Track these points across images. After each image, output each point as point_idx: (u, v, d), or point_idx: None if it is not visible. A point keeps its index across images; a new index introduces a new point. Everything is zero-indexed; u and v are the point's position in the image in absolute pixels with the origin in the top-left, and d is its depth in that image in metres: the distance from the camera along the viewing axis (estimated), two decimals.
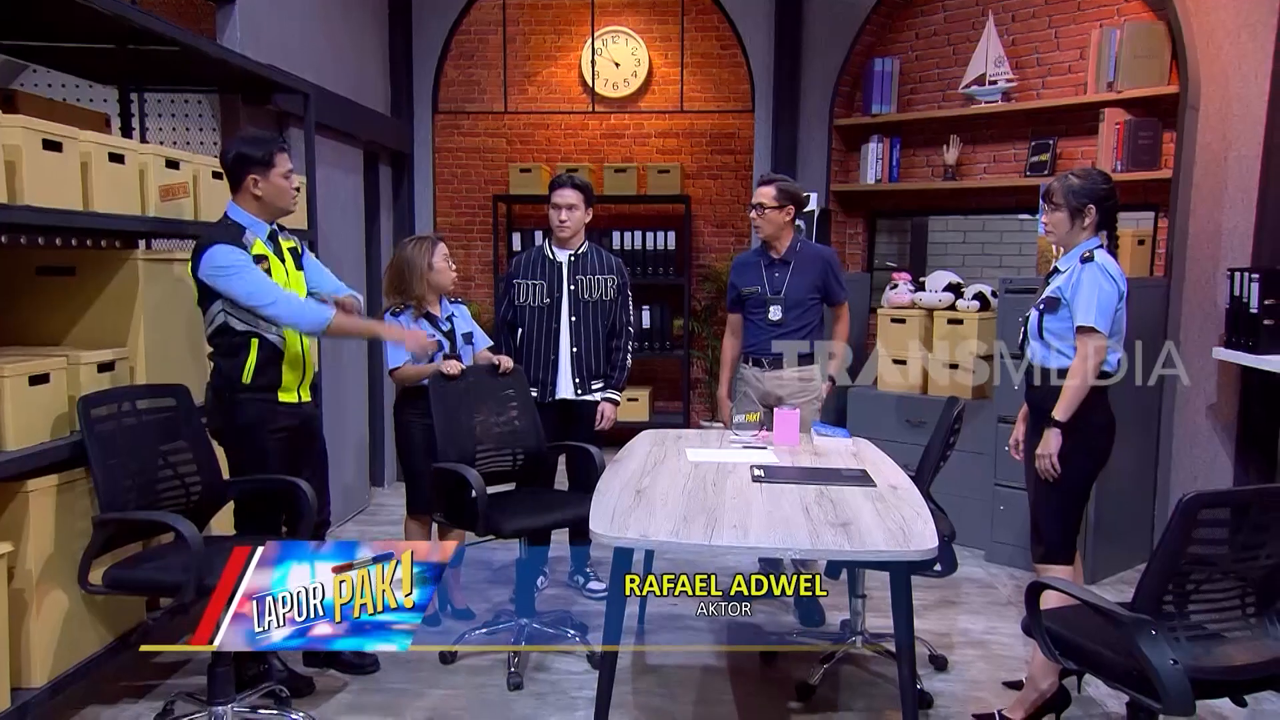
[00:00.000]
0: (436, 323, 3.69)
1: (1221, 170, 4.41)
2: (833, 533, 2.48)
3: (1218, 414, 4.45)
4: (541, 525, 3.43)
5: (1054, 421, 2.90)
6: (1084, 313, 2.88)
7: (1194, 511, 2.13)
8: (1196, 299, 4.50)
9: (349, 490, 5.23)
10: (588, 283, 3.96)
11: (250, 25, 4.18)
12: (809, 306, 3.94)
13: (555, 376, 3.96)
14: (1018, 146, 5.24)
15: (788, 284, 3.93)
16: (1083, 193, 2.96)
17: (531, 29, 7.01)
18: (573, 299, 3.95)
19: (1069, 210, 2.97)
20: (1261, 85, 4.23)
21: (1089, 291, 2.88)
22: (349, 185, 5.30)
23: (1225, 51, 4.39)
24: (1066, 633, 2.40)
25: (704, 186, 6.98)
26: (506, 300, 4.05)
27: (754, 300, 3.98)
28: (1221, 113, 4.40)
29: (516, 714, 3.08)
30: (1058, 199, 2.99)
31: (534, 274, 3.97)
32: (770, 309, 3.92)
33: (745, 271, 4.04)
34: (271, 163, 2.99)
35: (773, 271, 3.96)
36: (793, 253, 3.95)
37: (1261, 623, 2.31)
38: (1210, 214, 4.46)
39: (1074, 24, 4.98)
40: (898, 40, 5.69)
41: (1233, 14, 4.35)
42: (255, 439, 2.99)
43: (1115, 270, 2.95)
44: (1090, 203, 2.95)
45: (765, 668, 3.44)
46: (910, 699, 2.55)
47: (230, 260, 2.87)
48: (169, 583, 2.66)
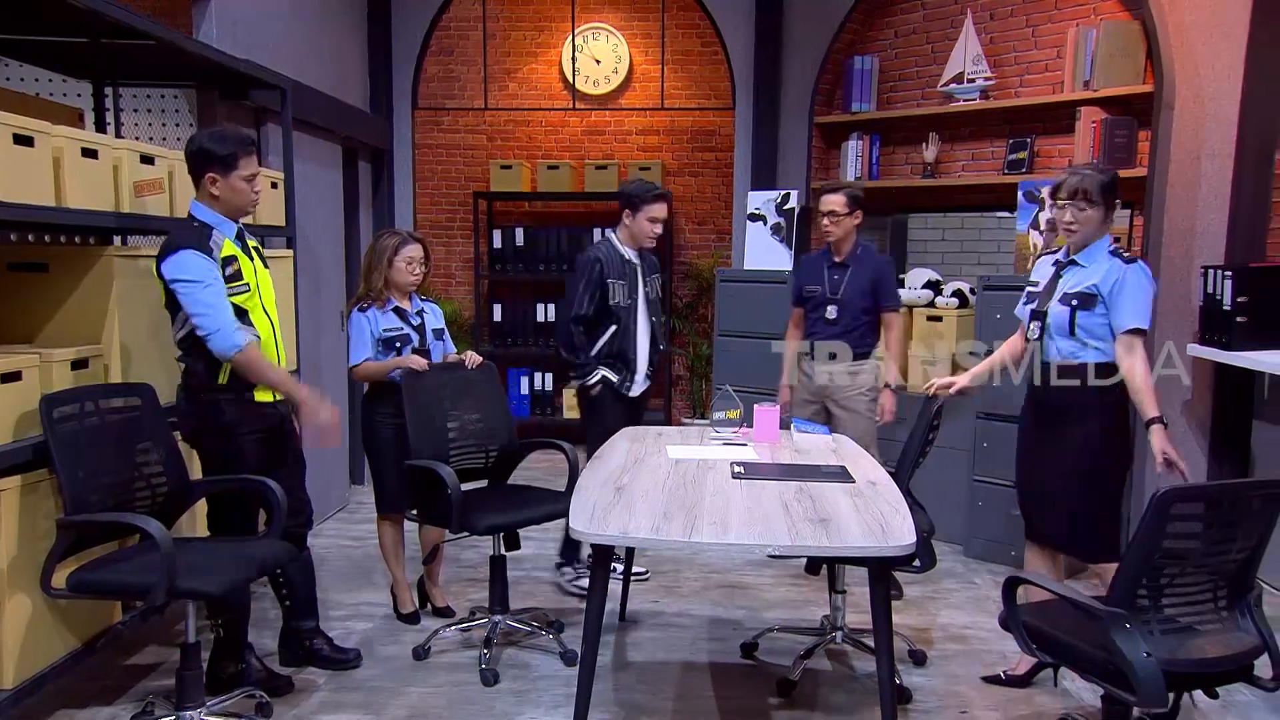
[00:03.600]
0: (406, 317, 3.67)
1: (1196, 169, 4.45)
2: (811, 529, 2.48)
3: (1192, 410, 4.49)
4: (515, 522, 3.42)
5: (1153, 419, 2.86)
6: (1135, 315, 2.88)
7: (1168, 506, 2.15)
8: (1172, 296, 4.54)
9: (328, 488, 5.19)
10: (652, 282, 4.17)
11: (227, 20, 4.14)
12: (863, 308, 4.10)
13: (635, 372, 4.10)
14: (996, 144, 5.27)
15: (845, 286, 4.10)
16: (1112, 188, 2.95)
17: (512, 25, 6.99)
18: (645, 299, 4.12)
19: (1105, 207, 2.94)
20: (1234, 85, 4.28)
21: (1137, 294, 2.88)
22: (328, 181, 5.26)
23: (1199, 51, 4.43)
24: (1044, 626, 2.42)
25: (685, 184, 6.98)
26: (589, 297, 4.01)
27: (814, 299, 4.17)
28: (1195, 112, 4.45)
29: (497, 711, 3.07)
30: (1094, 197, 2.92)
31: (620, 274, 4.04)
32: (827, 309, 4.11)
33: (808, 271, 4.25)
34: (234, 165, 2.92)
35: (833, 274, 4.13)
36: (853, 257, 4.11)
37: (1232, 616, 2.34)
38: (1185, 212, 4.50)
39: (1051, 23, 5.01)
40: (877, 38, 5.71)
41: (1207, 14, 4.39)
42: (232, 440, 2.95)
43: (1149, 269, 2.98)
44: (1117, 197, 2.96)
45: (745, 663, 3.45)
46: (889, 694, 2.55)
47: (196, 273, 2.80)
48: (138, 585, 2.60)
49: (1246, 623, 2.34)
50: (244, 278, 2.96)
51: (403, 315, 3.66)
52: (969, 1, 5.27)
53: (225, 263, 2.90)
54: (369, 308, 3.62)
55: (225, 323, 2.83)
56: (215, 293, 2.83)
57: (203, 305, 2.81)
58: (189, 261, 2.81)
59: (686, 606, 4.00)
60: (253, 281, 3.00)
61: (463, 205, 7.05)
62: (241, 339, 2.85)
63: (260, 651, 3.26)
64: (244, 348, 2.85)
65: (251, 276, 3.00)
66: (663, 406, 6.88)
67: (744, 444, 3.52)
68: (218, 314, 2.82)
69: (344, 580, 4.27)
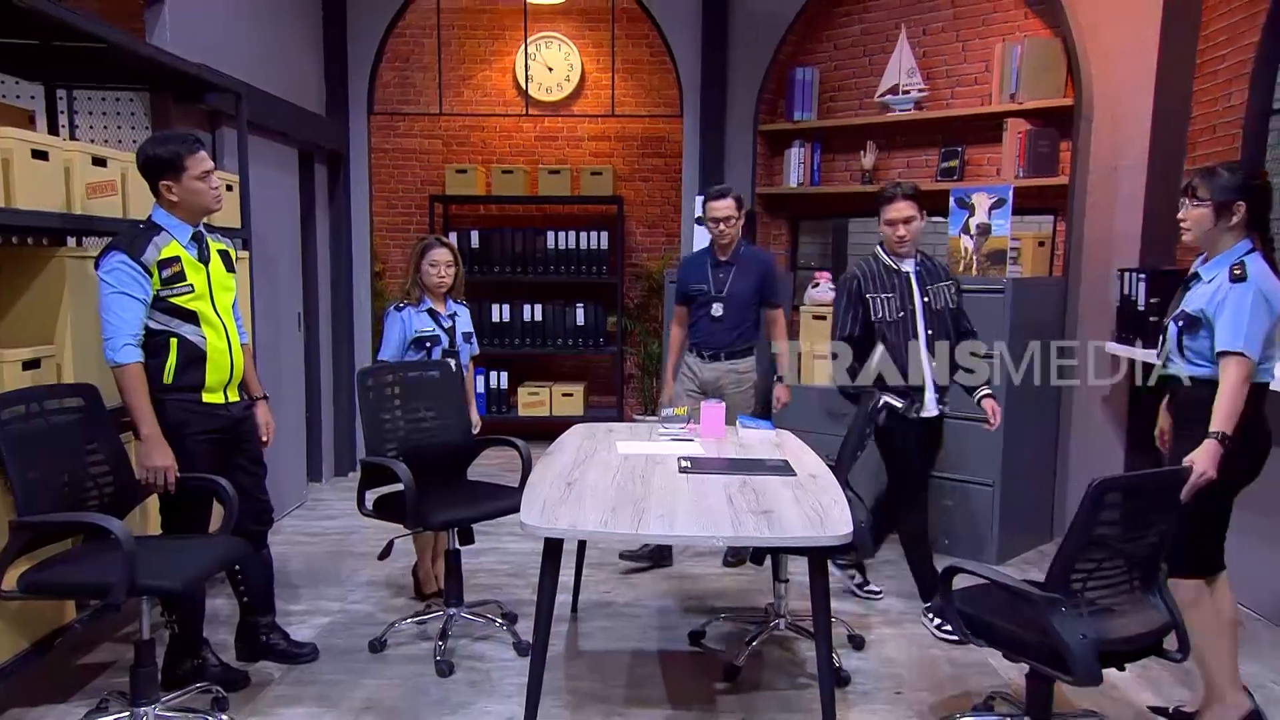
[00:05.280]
0: (438, 319, 3.78)
1: (1113, 178, 4.56)
2: (754, 520, 2.49)
3: (1110, 404, 4.60)
4: (469, 517, 3.38)
5: (1209, 433, 2.52)
6: (1231, 336, 2.52)
7: (1102, 495, 2.20)
8: (1091, 297, 4.65)
9: (287, 486, 5.09)
10: (936, 291, 3.59)
11: (181, 24, 4.03)
12: (748, 306, 4.12)
13: (921, 392, 3.54)
14: (929, 153, 5.35)
15: (730, 284, 4.10)
16: (1231, 187, 2.59)
17: (466, 34, 6.91)
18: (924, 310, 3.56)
19: (1214, 206, 2.61)
20: (1147, 100, 4.39)
21: (1236, 313, 2.51)
22: (284, 184, 5.15)
23: (1115, 67, 4.53)
24: (977, 613, 2.45)
25: (636, 188, 6.98)
26: (850, 317, 3.56)
27: (700, 297, 4.14)
28: (1112, 124, 4.55)
29: (452, 701, 3.03)
30: (1203, 194, 2.63)
31: (883, 288, 3.55)
32: (713, 306, 4.09)
33: (693, 270, 4.21)
34: (182, 165, 2.83)
35: (718, 272, 4.11)
36: (737, 256, 4.11)
37: (1146, 596, 2.43)
38: (1103, 218, 4.61)
39: (979, 39, 5.09)
40: (817, 51, 5.75)
41: (1121, 33, 4.49)
42: (178, 442, 2.86)
43: (1272, 286, 2.55)
44: (1239, 199, 2.59)
45: (692, 651, 3.45)
46: (827, 677, 2.58)
47: (113, 278, 2.73)
48: (96, 584, 2.52)
49: (1157, 601, 2.43)
50: (187, 279, 2.87)
51: (435, 317, 3.76)
52: (903, 17, 5.34)
53: (164, 264, 2.81)
54: (405, 307, 3.73)
55: (118, 334, 2.75)
56: (123, 302, 2.75)
57: (107, 310, 2.75)
58: (112, 265, 2.75)
59: (637, 597, 3.99)
60: (200, 284, 2.91)
61: (419, 208, 6.96)
62: (126, 356, 2.75)
63: (217, 647, 3.17)
64: (124, 365, 2.75)
65: (200, 279, 2.92)
66: (615, 404, 6.86)
67: (691, 439, 3.52)
68: (117, 323, 2.75)
69: (302, 577, 4.18)
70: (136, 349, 2.78)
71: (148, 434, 2.80)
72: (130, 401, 2.78)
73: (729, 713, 2.97)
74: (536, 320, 6.74)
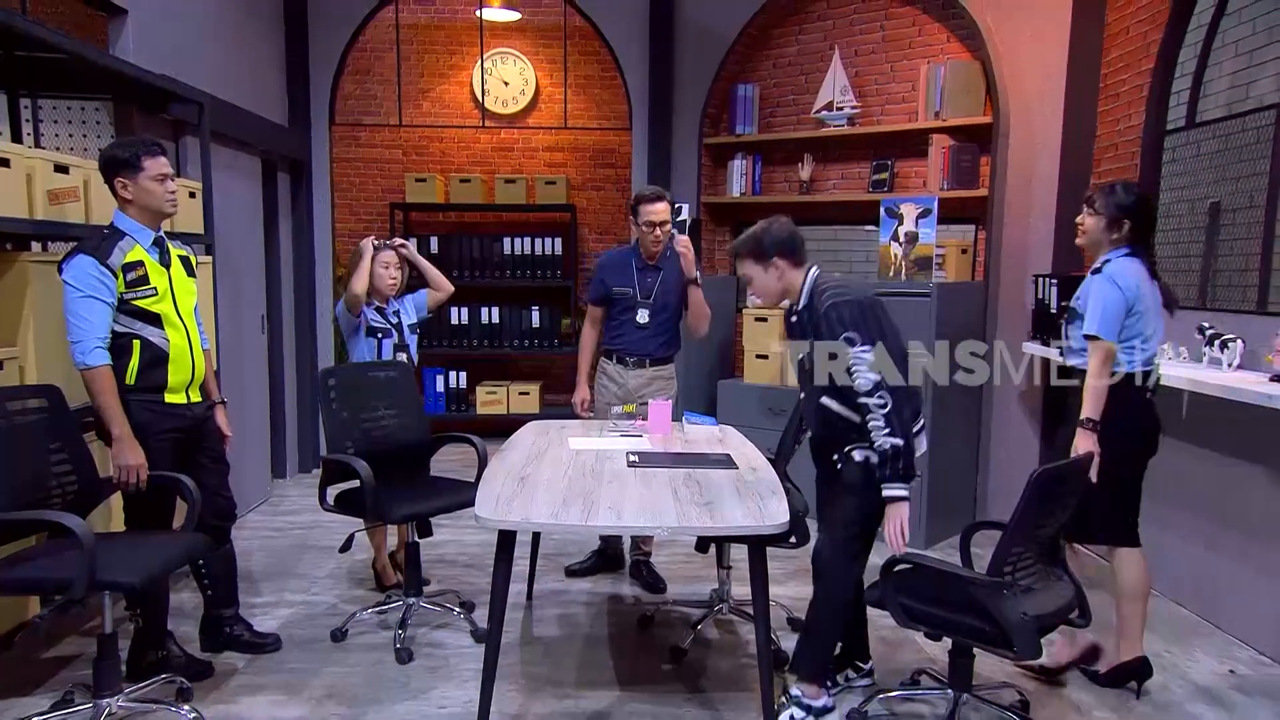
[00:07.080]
0: (385, 314, 3.84)
1: (1028, 190, 4.69)
2: (698, 511, 2.51)
3: (1026, 400, 4.73)
4: (427, 511, 3.36)
5: (1081, 421, 2.77)
6: (1088, 322, 2.77)
7: (1046, 485, 2.28)
8: (1009, 300, 4.78)
9: (251, 483, 4.99)
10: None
11: (144, 35, 3.93)
12: (673, 310, 3.87)
13: None
14: (862, 166, 5.44)
15: (658, 288, 3.83)
16: (1123, 205, 2.82)
17: (425, 48, 6.85)
18: None
19: (1107, 219, 2.84)
20: (1058, 120, 4.53)
21: (1094, 301, 2.77)
22: (247, 193, 5.06)
23: (1029, 89, 4.67)
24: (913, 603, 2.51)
25: (588, 197, 6.98)
26: None
27: (623, 301, 3.83)
28: (1027, 141, 4.68)
29: (411, 687, 3.01)
30: (1099, 206, 2.86)
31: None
32: (639, 312, 3.80)
33: (616, 271, 3.86)
34: (139, 165, 2.78)
35: (645, 276, 3.82)
36: (664, 259, 3.85)
37: (1051, 576, 2.54)
38: (1019, 227, 4.74)
39: (906, 60, 5.20)
40: (758, 69, 5.82)
41: (1033, 57, 4.63)
42: (143, 441, 2.79)
43: (1127, 278, 2.77)
44: (1127, 216, 2.83)
45: (641, 635, 3.47)
46: (766, 658, 2.61)
47: (80, 281, 2.68)
48: (57, 580, 2.46)
49: (1062, 573, 2.57)
50: (150, 282, 2.81)
51: (382, 313, 3.84)
52: (837, 39, 5.42)
53: (128, 268, 2.76)
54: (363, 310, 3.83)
55: (87, 336, 2.69)
56: (90, 306, 2.69)
57: (74, 314, 2.69)
58: (78, 268, 2.69)
59: (589, 585, 4.00)
60: (163, 287, 2.86)
61: (380, 216, 6.88)
62: (96, 359, 2.70)
63: (181, 639, 3.11)
64: (94, 368, 2.70)
65: (164, 283, 2.86)
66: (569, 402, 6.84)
67: (639, 436, 3.54)
68: (85, 326, 2.69)
69: (266, 570, 4.11)
70: (105, 351, 2.72)
71: (119, 434, 2.74)
72: (101, 402, 2.72)
73: (675, 692, 3.00)
74: (494, 322, 6.71)
